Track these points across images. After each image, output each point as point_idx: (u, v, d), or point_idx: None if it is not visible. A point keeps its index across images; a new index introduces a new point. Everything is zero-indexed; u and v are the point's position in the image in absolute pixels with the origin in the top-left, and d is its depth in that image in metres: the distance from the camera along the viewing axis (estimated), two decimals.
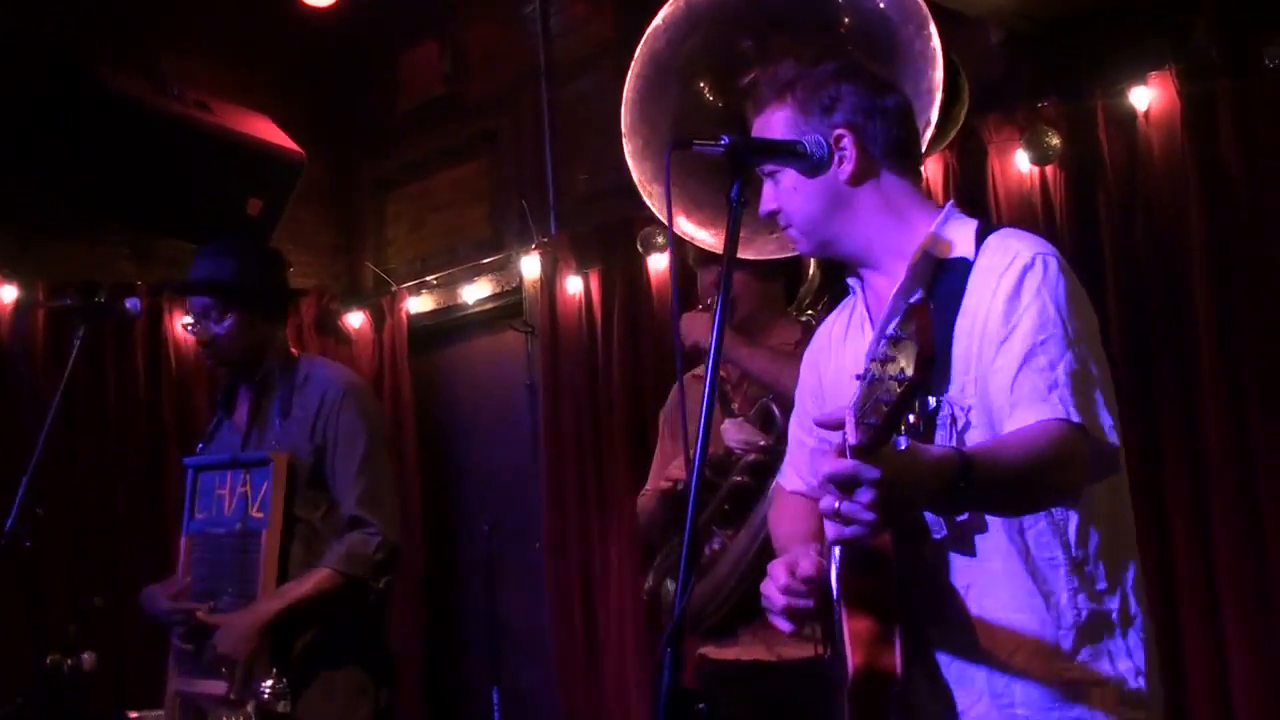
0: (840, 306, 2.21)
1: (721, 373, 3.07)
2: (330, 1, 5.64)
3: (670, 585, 3.19)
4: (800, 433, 2.23)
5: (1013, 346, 1.79)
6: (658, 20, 3.16)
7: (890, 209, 2.00)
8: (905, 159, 2.04)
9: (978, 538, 1.85)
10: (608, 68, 5.31)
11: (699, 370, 3.32)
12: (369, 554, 3.14)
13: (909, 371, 1.48)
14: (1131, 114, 3.72)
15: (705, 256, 3.15)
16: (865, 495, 1.55)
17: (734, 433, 2.96)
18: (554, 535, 5.06)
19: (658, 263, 4.86)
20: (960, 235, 1.97)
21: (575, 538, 4.99)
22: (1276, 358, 3.44)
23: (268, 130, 5.46)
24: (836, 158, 1.95)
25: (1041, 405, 1.76)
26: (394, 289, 5.93)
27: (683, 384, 3.33)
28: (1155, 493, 3.54)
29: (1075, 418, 1.75)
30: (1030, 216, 3.82)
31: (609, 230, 5.05)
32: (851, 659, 1.75)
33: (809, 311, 3.16)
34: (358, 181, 6.30)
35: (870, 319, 2.05)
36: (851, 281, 2.12)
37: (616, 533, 4.85)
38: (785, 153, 1.92)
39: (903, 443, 1.62)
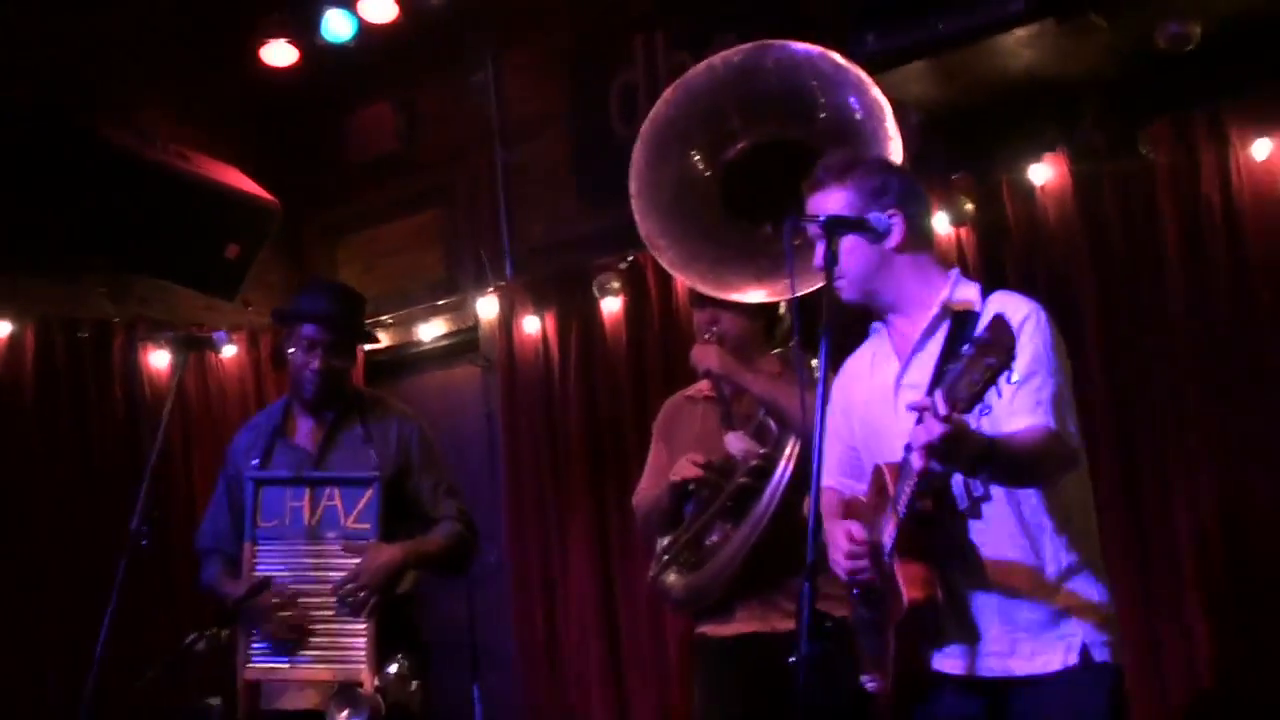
0: (862, 346, 2.88)
1: (725, 392, 3.71)
2: (290, 62, 6.17)
3: (672, 575, 3.76)
4: (832, 440, 2.85)
5: (1013, 373, 2.44)
6: (662, 98, 3.78)
7: (918, 270, 2.71)
8: (928, 233, 2.78)
9: (985, 507, 2.53)
10: (557, 131, 5.94)
11: (688, 390, 3.94)
12: (469, 540, 3.87)
13: (997, 360, 2.12)
14: (1030, 187, 4.45)
15: (698, 298, 3.73)
16: (945, 444, 2.23)
17: (736, 443, 3.58)
18: (515, 549, 5.60)
19: (611, 305, 5.48)
20: (969, 293, 2.68)
21: (536, 552, 5.54)
22: (1154, 381, 4.20)
23: (243, 181, 5.91)
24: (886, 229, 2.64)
25: (1031, 415, 2.49)
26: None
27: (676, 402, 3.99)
28: None
29: (1053, 425, 2.48)
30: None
31: (565, 276, 5.65)
32: (906, 594, 2.42)
33: (781, 348, 3.80)
34: (309, 227, 6.74)
35: (896, 353, 2.73)
36: (877, 325, 2.81)
37: (575, 546, 5.43)
38: (861, 226, 2.62)
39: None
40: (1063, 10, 3.93)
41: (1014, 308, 2.56)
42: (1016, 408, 2.48)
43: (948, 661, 2.60)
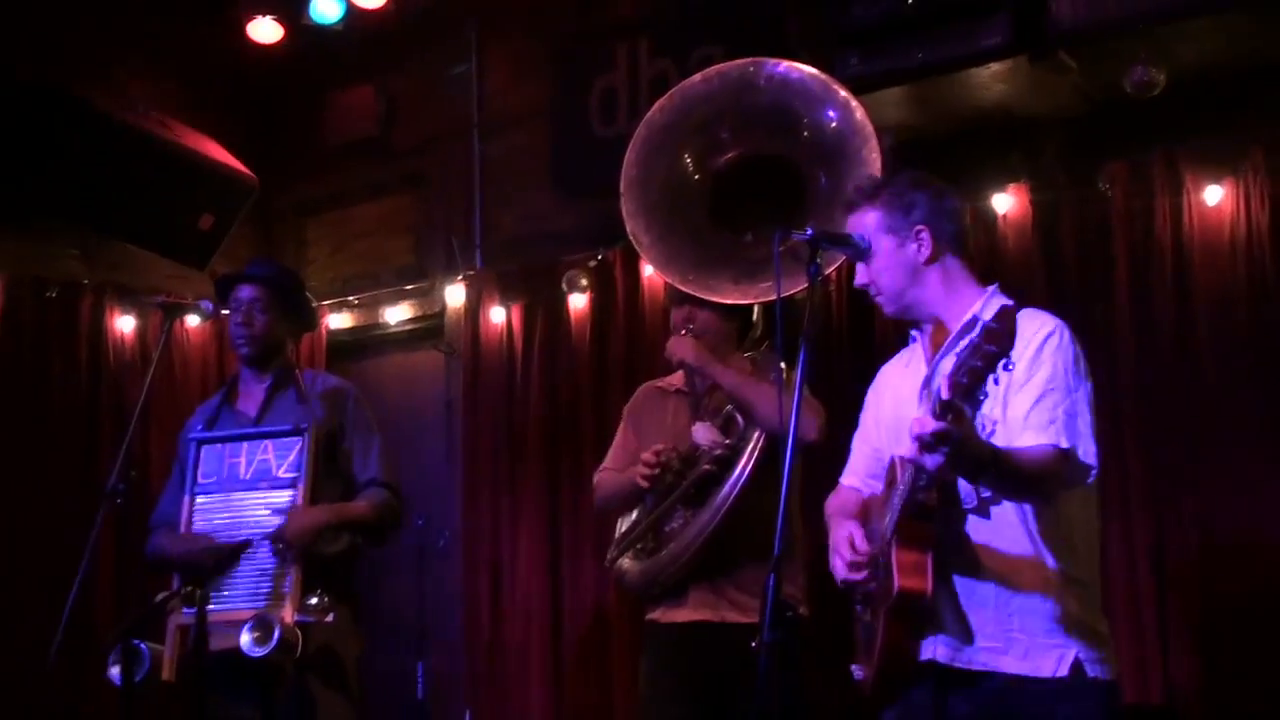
0: (900, 353, 3.00)
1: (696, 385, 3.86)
2: (275, 40, 6.27)
3: (628, 560, 3.89)
4: (859, 443, 3.03)
5: (1032, 389, 2.58)
6: (658, 104, 3.94)
7: (950, 282, 2.80)
8: (961, 245, 2.86)
9: (994, 509, 2.63)
10: (535, 127, 6.06)
11: (660, 382, 4.08)
12: (395, 508, 3.95)
13: (998, 347, 2.23)
14: (993, 215, 4.65)
15: (678, 296, 3.87)
16: (942, 450, 2.34)
17: (703, 433, 3.72)
18: (467, 533, 5.71)
19: (577, 301, 5.61)
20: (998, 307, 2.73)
21: (487, 537, 5.65)
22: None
23: (221, 153, 5.97)
24: (914, 245, 2.75)
25: (1042, 433, 2.56)
26: (314, 304, 6.47)
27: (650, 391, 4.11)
28: None
29: (1064, 445, 2.55)
30: None
31: (534, 269, 5.78)
32: (898, 580, 2.53)
33: (751, 351, 3.93)
34: (281, 204, 6.79)
35: (927, 359, 2.83)
36: (914, 333, 2.91)
37: (525, 533, 5.56)
38: (845, 242, 2.77)
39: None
40: (1035, 49, 4.14)
41: (1039, 323, 2.66)
42: (1030, 424, 2.56)
43: (940, 650, 2.64)
